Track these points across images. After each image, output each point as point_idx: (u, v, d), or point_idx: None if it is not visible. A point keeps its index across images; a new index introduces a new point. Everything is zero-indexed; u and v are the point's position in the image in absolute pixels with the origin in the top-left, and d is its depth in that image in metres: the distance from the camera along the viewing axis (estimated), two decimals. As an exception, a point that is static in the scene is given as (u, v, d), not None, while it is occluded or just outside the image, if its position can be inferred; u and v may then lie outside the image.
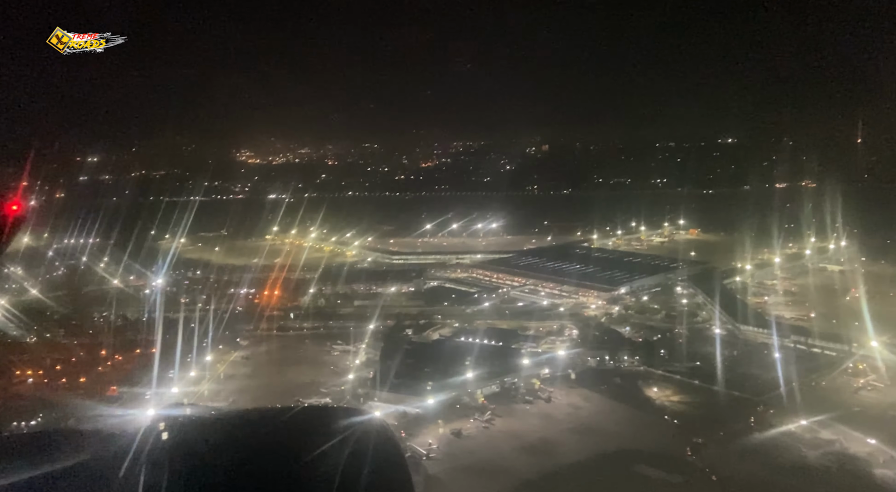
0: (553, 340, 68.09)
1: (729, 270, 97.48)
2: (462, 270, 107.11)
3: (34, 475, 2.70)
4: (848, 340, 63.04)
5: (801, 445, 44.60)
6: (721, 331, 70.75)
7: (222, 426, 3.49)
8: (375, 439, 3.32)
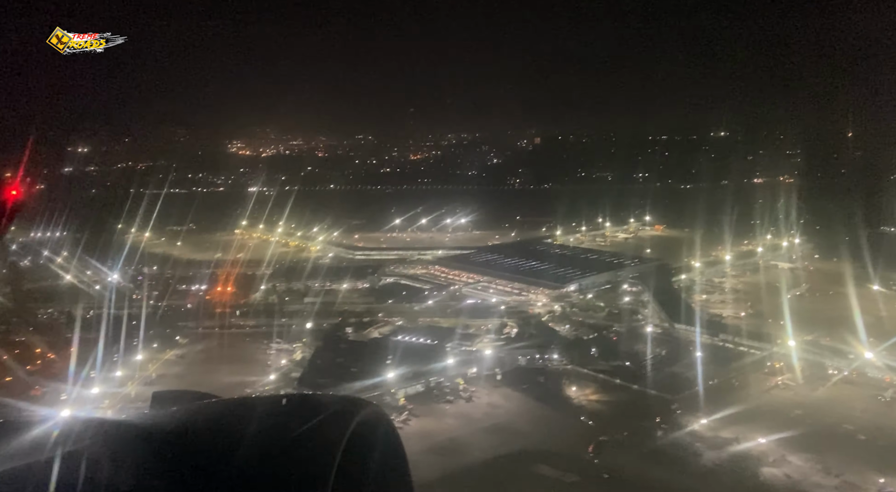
0: (492, 338, 69.24)
1: (680, 267, 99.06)
2: (421, 266, 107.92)
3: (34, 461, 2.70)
4: (773, 338, 64.69)
5: (699, 443, 46.01)
6: (656, 329, 72.22)
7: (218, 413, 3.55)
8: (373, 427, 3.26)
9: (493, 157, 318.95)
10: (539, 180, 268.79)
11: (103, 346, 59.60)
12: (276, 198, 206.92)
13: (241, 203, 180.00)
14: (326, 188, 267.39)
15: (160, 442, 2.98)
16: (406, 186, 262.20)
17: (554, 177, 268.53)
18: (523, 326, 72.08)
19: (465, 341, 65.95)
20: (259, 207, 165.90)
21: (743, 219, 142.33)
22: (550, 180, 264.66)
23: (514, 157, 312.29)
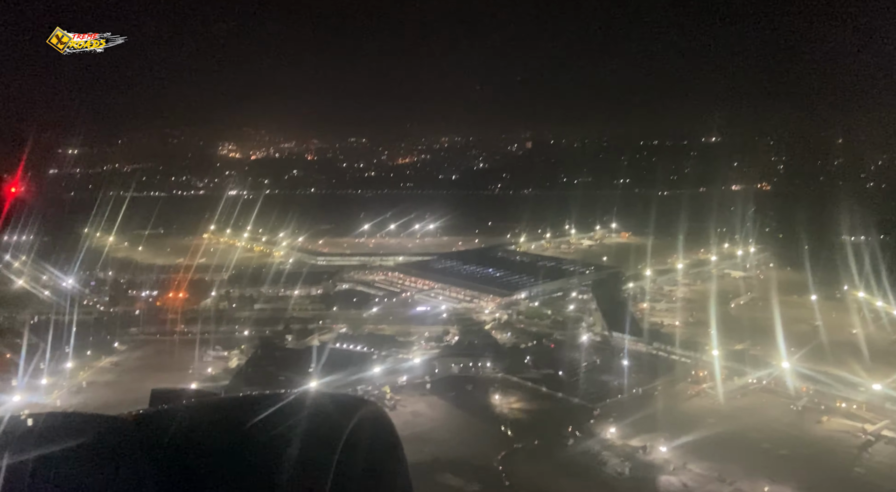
0: (431, 345, 69.95)
1: (634, 275, 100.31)
2: (380, 272, 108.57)
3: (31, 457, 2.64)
4: (704, 347, 65.85)
5: (607, 452, 46.88)
6: (594, 338, 73.27)
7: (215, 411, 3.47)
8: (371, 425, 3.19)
9: (481, 161, 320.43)
10: (520, 186, 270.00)
11: (39, 353, 59.66)
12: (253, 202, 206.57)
13: (217, 207, 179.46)
14: (307, 192, 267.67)
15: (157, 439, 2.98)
16: (387, 190, 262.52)
17: (536, 182, 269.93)
18: (465, 334, 72.87)
19: (403, 349, 66.62)
20: (234, 211, 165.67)
21: (710, 227, 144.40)
22: (532, 186, 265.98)
23: (502, 161, 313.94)
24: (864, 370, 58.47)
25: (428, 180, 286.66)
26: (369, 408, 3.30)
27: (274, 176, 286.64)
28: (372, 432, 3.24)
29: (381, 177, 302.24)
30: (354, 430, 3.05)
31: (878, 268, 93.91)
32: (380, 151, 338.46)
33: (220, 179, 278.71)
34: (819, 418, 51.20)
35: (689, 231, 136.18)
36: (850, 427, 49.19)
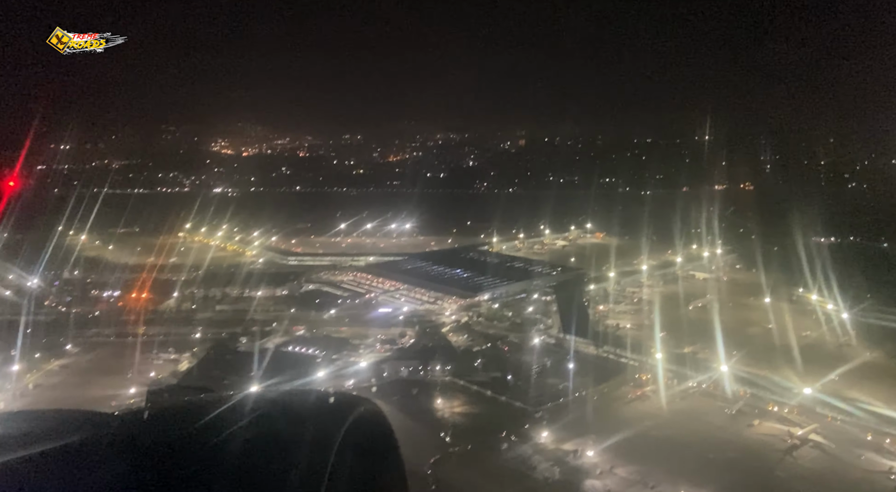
0: (385, 348, 70.38)
1: (598, 277, 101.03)
2: (350, 272, 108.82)
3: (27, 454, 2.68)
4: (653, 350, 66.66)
5: (539, 456, 47.51)
6: (549, 340, 73.95)
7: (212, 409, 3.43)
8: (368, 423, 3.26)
9: (472, 159, 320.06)
10: (506, 184, 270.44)
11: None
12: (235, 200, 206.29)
13: (199, 204, 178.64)
14: (292, 190, 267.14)
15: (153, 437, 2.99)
16: (373, 188, 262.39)
17: (523, 181, 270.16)
18: (421, 337, 73.36)
19: (355, 352, 67.06)
20: (214, 209, 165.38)
21: (684, 227, 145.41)
22: (518, 184, 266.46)
23: (494, 159, 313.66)
24: (805, 374, 59.56)
25: (415, 179, 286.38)
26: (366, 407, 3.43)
27: (262, 173, 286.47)
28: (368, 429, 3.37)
29: (370, 174, 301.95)
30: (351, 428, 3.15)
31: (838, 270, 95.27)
32: (373, 149, 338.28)
33: (208, 176, 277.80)
34: (751, 421, 52.06)
35: (663, 232, 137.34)
36: (779, 431, 50.06)
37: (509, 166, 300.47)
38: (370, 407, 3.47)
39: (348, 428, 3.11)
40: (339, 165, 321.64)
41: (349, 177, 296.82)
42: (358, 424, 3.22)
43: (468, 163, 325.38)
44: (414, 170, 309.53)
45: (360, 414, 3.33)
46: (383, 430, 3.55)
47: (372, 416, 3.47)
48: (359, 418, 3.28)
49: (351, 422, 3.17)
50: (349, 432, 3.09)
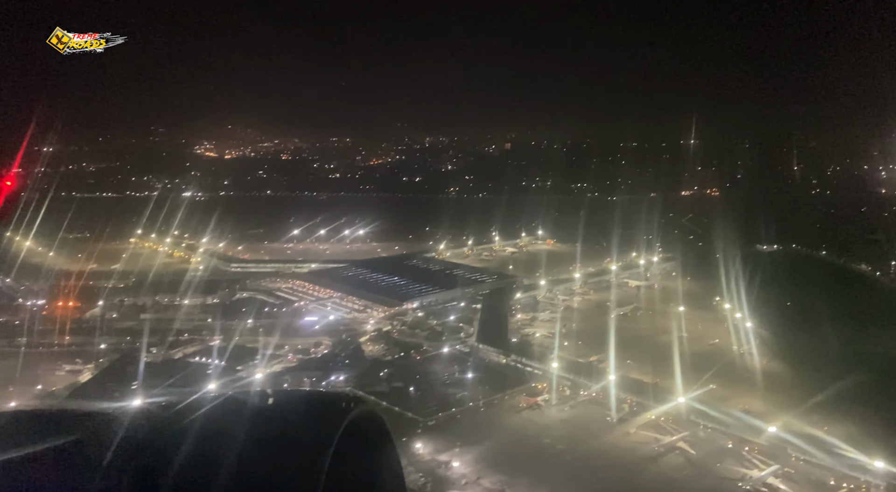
0: (300, 358, 70.90)
1: (533, 285, 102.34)
2: (288, 280, 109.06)
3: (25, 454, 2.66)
4: (560, 359, 67.91)
5: (412, 467, 48.23)
6: (464, 349, 74.95)
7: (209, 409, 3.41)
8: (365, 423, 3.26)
9: (453, 163, 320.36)
10: (479, 189, 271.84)
11: None
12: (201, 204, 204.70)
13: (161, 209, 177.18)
14: (262, 194, 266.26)
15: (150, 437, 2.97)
16: (344, 193, 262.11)
17: (496, 185, 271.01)
18: (335, 346, 73.96)
19: (262, 362, 67.45)
20: (175, 214, 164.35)
21: (636, 234, 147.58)
22: (490, 189, 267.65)
23: (475, 163, 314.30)
24: (693, 382, 61.22)
25: (391, 182, 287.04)
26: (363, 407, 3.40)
27: (239, 177, 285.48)
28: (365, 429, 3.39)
29: (347, 178, 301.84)
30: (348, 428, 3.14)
31: (761, 279, 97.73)
32: (358, 151, 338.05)
33: (182, 180, 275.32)
34: (628, 429, 53.39)
35: (614, 238, 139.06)
36: (651, 439, 51.42)
37: (487, 170, 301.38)
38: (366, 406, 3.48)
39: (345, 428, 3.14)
40: (318, 169, 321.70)
41: (325, 181, 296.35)
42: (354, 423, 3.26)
43: (447, 167, 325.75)
44: (392, 173, 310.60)
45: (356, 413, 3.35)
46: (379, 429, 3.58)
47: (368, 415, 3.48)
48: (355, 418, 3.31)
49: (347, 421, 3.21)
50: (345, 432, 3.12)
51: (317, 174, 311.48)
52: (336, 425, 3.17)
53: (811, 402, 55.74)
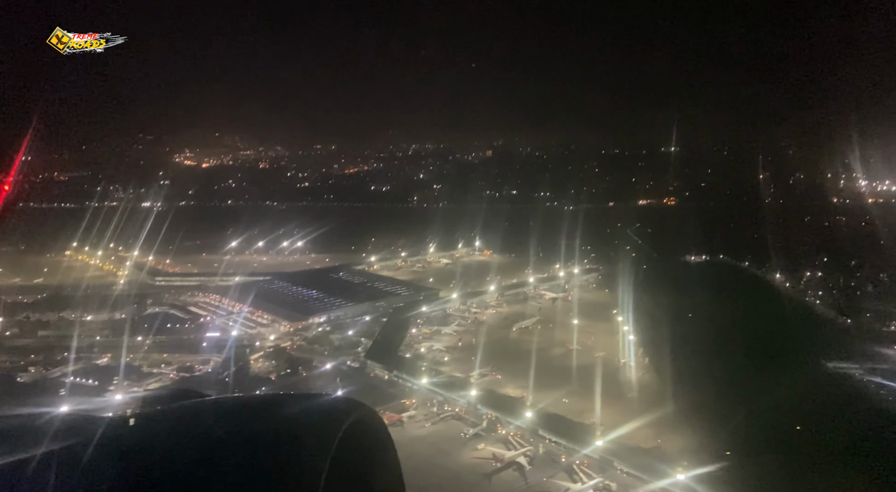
0: (182, 376, 70.91)
1: (446, 297, 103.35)
2: (204, 294, 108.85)
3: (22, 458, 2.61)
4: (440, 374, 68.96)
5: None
6: (354, 364, 75.60)
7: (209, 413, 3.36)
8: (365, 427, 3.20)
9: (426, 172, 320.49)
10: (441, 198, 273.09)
11: None
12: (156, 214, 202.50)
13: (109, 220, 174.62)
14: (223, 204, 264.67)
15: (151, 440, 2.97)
16: (305, 202, 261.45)
17: (460, 194, 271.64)
18: (224, 363, 74.12)
19: (141, 381, 67.47)
20: (122, 225, 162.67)
21: (577, 243, 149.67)
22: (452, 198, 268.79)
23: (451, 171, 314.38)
24: (559, 395, 62.74)
25: (357, 192, 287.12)
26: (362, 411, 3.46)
27: (207, 186, 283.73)
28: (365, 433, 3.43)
29: (316, 188, 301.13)
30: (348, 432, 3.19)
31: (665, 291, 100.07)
32: (338, 159, 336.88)
33: (148, 189, 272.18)
34: (477, 444, 54.43)
35: (553, 249, 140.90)
36: (497, 454, 52.45)
37: (459, 179, 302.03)
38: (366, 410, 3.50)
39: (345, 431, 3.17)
40: (291, 178, 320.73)
41: (292, 190, 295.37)
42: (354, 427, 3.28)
43: (419, 175, 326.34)
44: (364, 182, 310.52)
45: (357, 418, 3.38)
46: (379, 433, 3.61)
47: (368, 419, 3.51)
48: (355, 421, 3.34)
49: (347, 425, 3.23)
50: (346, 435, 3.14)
51: (286, 183, 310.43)
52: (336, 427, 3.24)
53: (660, 414, 57.45)
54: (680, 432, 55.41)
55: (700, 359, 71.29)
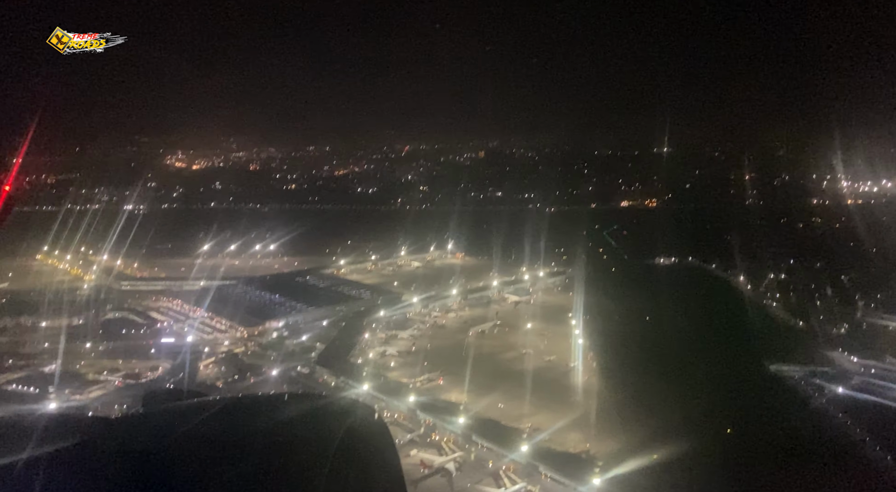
0: (127, 384, 70.70)
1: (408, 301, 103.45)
2: (167, 299, 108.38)
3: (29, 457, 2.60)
4: (380, 379, 69.17)
5: None
6: (303, 370, 75.60)
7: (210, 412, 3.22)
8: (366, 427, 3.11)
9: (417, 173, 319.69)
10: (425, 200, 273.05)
11: None
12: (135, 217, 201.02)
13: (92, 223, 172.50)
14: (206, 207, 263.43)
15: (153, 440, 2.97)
16: (289, 205, 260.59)
17: (446, 196, 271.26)
18: (171, 370, 74.00)
19: (81, 389, 67.25)
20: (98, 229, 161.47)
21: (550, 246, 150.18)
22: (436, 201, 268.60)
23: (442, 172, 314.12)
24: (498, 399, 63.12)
25: (344, 193, 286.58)
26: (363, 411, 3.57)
27: (193, 188, 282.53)
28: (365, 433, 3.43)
29: (303, 190, 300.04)
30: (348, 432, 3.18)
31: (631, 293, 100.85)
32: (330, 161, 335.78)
33: (133, 192, 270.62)
34: (410, 451, 54.56)
35: (526, 251, 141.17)
36: (426, 460, 52.65)
37: (446, 180, 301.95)
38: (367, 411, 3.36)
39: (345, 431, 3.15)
40: (280, 179, 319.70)
41: (277, 192, 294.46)
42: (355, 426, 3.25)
43: (407, 177, 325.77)
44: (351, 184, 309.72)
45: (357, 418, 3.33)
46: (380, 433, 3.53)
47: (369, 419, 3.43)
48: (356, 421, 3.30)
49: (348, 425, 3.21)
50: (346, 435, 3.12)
51: (272, 185, 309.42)
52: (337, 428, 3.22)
53: (596, 418, 57.96)
54: (613, 436, 55.88)
55: (647, 363, 71.97)
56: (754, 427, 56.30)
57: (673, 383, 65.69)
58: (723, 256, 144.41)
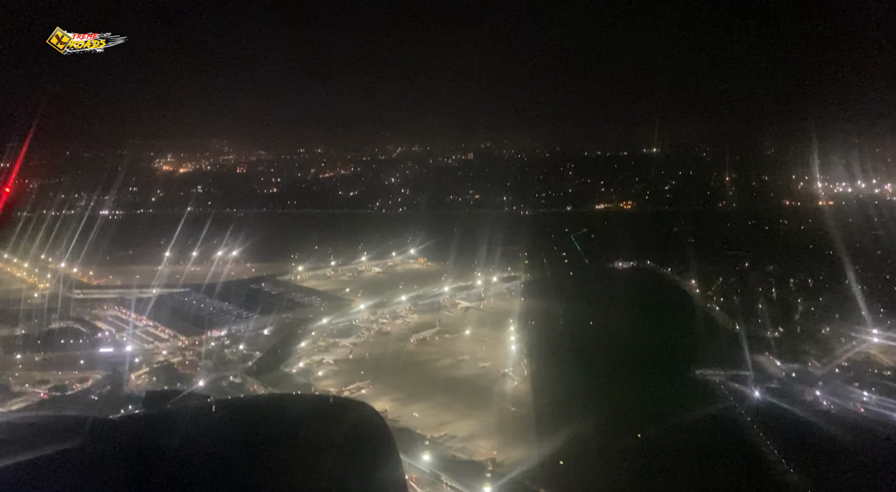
0: (53, 396, 70.49)
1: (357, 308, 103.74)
2: (119, 307, 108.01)
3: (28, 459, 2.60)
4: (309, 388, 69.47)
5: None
6: (236, 380, 75.76)
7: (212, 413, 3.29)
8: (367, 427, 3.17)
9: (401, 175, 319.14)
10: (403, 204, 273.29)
11: None
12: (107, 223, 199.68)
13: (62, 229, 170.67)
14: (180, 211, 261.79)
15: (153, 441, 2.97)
16: (266, 209, 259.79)
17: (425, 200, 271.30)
18: (103, 382, 73.87)
19: (7, 401, 67.03)
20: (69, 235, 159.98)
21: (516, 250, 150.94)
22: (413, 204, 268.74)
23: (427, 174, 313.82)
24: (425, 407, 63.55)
25: (324, 197, 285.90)
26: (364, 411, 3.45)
27: (175, 192, 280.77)
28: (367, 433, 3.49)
29: (283, 193, 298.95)
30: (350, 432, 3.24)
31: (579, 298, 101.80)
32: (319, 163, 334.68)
33: (111, 196, 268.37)
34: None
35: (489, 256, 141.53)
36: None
37: (430, 183, 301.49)
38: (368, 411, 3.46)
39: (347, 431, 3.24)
40: (264, 183, 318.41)
41: (257, 196, 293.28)
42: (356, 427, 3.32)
43: (390, 180, 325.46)
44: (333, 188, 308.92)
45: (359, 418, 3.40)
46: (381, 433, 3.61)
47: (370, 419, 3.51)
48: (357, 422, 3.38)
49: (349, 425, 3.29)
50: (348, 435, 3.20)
51: (254, 189, 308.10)
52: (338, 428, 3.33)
53: (513, 425, 58.63)
54: (525, 443, 56.54)
55: (577, 368, 72.74)
56: (664, 431, 57.09)
57: (597, 388, 66.54)
58: (682, 258, 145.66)
